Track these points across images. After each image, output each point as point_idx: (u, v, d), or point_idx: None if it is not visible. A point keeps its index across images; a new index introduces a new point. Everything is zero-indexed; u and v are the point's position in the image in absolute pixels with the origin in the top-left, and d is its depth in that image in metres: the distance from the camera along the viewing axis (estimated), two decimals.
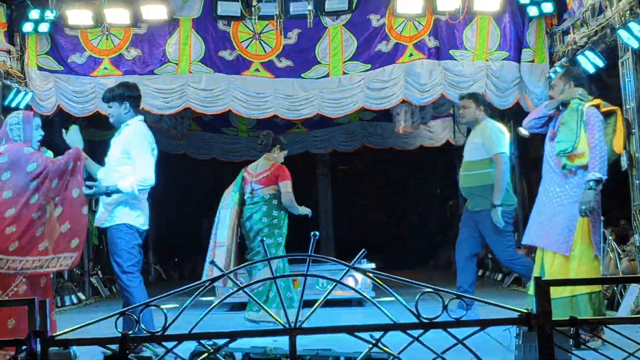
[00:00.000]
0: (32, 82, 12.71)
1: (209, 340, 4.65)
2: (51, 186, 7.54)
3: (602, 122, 7.45)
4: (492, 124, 9.63)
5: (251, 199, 10.51)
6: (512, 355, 6.22)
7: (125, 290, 7.89)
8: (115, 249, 7.92)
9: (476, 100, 9.67)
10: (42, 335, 4.26)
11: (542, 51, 12.87)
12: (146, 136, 7.93)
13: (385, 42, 12.94)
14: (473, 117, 9.61)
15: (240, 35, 12.94)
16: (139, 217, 7.88)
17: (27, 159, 7.57)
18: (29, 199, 7.49)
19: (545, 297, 4.21)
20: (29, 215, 7.49)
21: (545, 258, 7.52)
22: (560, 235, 7.40)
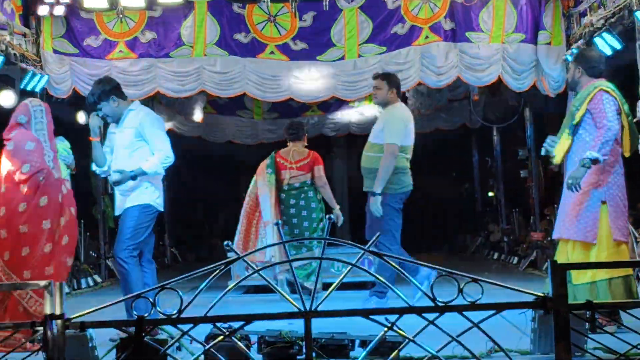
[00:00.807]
0: (48, 65, 12.71)
1: (224, 323, 4.66)
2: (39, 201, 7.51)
3: (612, 102, 7.37)
4: (398, 110, 9.66)
5: (292, 185, 11.21)
6: (528, 339, 6.22)
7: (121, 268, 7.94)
8: (124, 227, 7.97)
9: (389, 81, 9.63)
10: (59, 318, 4.28)
11: (559, 33, 12.78)
12: (157, 116, 8.15)
13: (401, 24, 12.87)
14: (385, 98, 9.62)
15: (255, 17, 12.89)
16: (159, 197, 7.96)
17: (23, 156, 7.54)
18: (17, 204, 7.47)
19: (561, 281, 4.20)
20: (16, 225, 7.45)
21: (568, 246, 7.48)
22: (586, 223, 7.36)
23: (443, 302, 4.24)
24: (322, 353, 6.10)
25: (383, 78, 9.67)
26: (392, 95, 9.56)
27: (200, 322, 4.36)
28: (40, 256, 7.50)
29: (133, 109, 7.97)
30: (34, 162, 7.49)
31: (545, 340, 5.99)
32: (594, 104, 7.38)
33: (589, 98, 7.41)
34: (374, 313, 4.39)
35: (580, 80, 7.65)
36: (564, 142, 7.56)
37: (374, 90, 9.72)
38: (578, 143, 7.47)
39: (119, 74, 12.54)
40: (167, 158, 7.83)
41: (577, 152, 7.45)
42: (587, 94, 7.44)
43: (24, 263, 7.44)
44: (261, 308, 9.73)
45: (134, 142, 7.89)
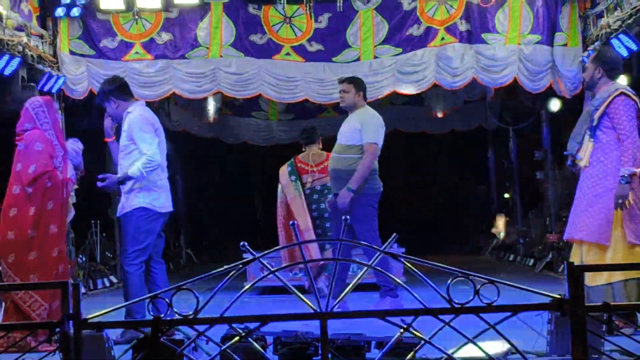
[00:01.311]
0: (65, 66, 12.76)
1: (240, 323, 4.66)
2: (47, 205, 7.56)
3: (631, 107, 7.35)
4: (372, 112, 9.75)
5: (314, 189, 11.53)
6: (544, 341, 6.21)
7: (122, 274, 7.96)
8: (124, 234, 8.01)
9: (356, 85, 9.71)
10: (76, 318, 4.29)
11: (576, 35, 12.75)
12: (146, 118, 7.97)
13: (417, 25, 12.87)
14: (352, 102, 9.66)
15: (271, 19, 12.91)
16: (157, 199, 7.90)
17: (33, 156, 7.59)
18: (28, 207, 7.51)
19: (578, 283, 4.19)
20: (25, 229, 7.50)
21: (583, 248, 7.45)
22: (600, 225, 7.34)
23: (459, 304, 4.23)
24: (338, 354, 6.10)
25: (350, 82, 9.75)
26: (359, 98, 9.65)
27: (217, 322, 4.37)
28: (48, 260, 7.54)
29: (130, 111, 7.96)
30: (40, 163, 7.54)
31: (562, 342, 5.99)
32: (614, 108, 7.35)
33: (609, 100, 7.38)
34: (390, 314, 4.39)
35: (600, 81, 7.61)
36: (587, 144, 7.52)
37: (341, 94, 9.77)
38: (597, 145, 7.44)
39: (135, 75, 12.61)
40: (150, 162, 7.73)
41: (596, 154, 7.42)
42: (607, 95, 7.40)
43: (31, 267, 7.48)
44: (277, 309, 9.73)
45: (126, 144, 7.91)
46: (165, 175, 8.05)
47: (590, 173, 7.46)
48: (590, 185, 7.44)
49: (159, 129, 8.01)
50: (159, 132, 7.97)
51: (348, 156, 9.46)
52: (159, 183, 7.94)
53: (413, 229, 23.31)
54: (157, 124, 8.01)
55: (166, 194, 7.99)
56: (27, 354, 4.82)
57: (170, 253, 19.39)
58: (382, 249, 4.42)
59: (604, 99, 7.42)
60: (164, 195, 7.95)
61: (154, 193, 7.88)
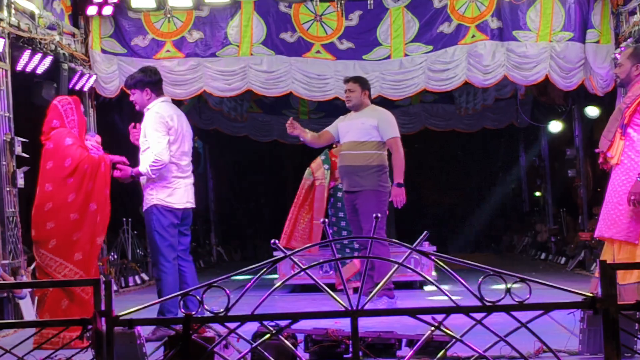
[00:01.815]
0: (96, 65, 12.84)
1: (271, 321, 4.67)
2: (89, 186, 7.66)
3: None
4: (381, 108, 9.91)
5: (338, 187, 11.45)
6: (577, 339, 6.17)
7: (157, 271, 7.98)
8: (147, 232, 8.05)
9: (362, 84, 9.80)
10: (108, 315, 4.31)
11: (608, 32, 12.66)
12: (161, 116, 7.91)
13: (448, 23, 12.84)
14: (359, 101, 9.75)
15: (301, 17, 12.93)
16: (171, 196, 7.89)
17: (64, 151, 7.69)
18: (66, 195, 7.60)
19: (610, 281, 4.16)
20: (67, 214, 7.60)
21: (614, 247, 7.39)
22: (630, 223, 7.27)
23: (491, 302, 4.22)
24: (368, 352, 6.10)
25: (355, 81, 9.83)
26: (365, 97, 9.77)
27: (247, 320, 4.37)
28: (88, 236, 7.65)
29: (149, 109, 7.98)
30: (74, 154, 7.63)
31: (594, 340, 5.95)
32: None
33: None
34: (421, 312, 4.37)
35: (636, 78, 7.53)
36: (618, 142, 7.45)
37: (347, 93, 9.83)
38: (628, 142, 7.36)
39: (166, 74, 12.65)
40: (156, 161, 7.74)
41: (627, 151, 7.35)
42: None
43: (75, 246, 7.60)
44: (308, 306, 9.75)
45: (143, 141, 7.94)
46: (183, 173, 8.01)
47: (621, 171, 7.39)
48: (621, 183, 7.36)
49: (176, 128, 7.93)
50: (174, 131, 7.88)
51: (365, 152, 9.53)
52: (174, 180, 7.92)
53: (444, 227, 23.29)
54: (173, 122, 7.93)
55: (183, 191, 7.95)
56: (60, 350, 4.86)
57: (201, 251, 19.47)
58: (413, 247, 4.41)
59: (637, 96, 7.34)
60: (179, 192, 7.93)
61: (167, 190, 7.89)
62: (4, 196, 10.03)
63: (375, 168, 9.51)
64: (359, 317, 4.27)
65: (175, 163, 7.89)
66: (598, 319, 4.23)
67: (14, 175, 10.15)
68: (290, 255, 4.40)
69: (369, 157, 9.51)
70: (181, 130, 8.00)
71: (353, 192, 9.59)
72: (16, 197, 10.26)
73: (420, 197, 25.34)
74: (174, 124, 7.91)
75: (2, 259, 9.82)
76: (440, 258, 4.43)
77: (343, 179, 9.81)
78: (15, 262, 10.00)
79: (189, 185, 8.08)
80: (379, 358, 6.11)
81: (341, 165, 9.76)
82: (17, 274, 9.92)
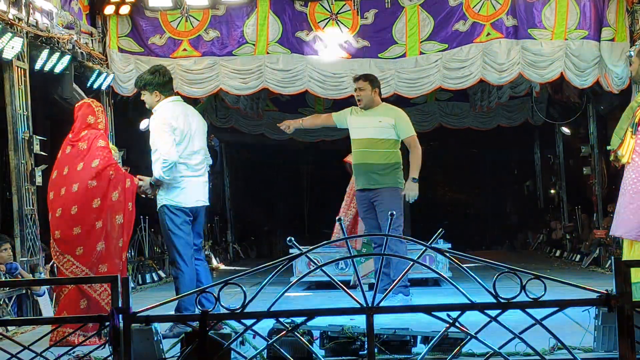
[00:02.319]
0: (114, 63, 12.90)
1: (287, 318, 4.71)
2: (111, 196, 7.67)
3: None
4: (395, 107, 9.87)
5: None
6: (591, 337, 6.18)
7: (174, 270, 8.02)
8: (162, 232, 8.14)
9: (371, 81, 9.74)
10: (125, 312, 4.36)
11: (623, 29, 12.63)
12: (164, 118, 7.91)
13: (463, 21, 12.84)
14: (370, 99, 9.69)
15: (317, 15, 12.95)
16: (179, 195, 7.90)
17: (94, 152, 7.72)
18: (90, 200, 7.62)
19: (625, 279, 4.18)
20: (90, 219, 7.61)
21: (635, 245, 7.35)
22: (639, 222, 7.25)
23: (505, 299, 4.25)
24: (384, 349, 6.13)
25: (365, 79, 9.77)
26: (376, 95, 9.72)
27: (264, 317, 4.41)
28: (114, 250, 7.66)
29: (155, 110, 8.03)
30: (103, 157, 7.66)
31: (609, 337, 5.96)
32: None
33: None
34: (436, 309, 4.41)
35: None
36: (629, 140, 7.42)
37: (358, 92, 9.76)
38: (638, 141, 7.33)
39: (183, 72, 12.73)
40: (164, 161, 7.76)
41: (638, 150, 7.32)
42: None
43: (100, 258, 7.60)
44: (323, 304, 9.78)
45: (150, 144, 7.98)
46: (194, 172, 8.00)
47: (632, 169, 7.33)
48: (631, 181, 7.31)
49: (181, 128, 7.91)
50: (179, 131, 7.87)
51: (383, 151, 9.54)
52: (182, 179, 7.93)
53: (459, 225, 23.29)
54: (177, 122, 7.90)
55: (192, 190, 7.96)
56: (78, 347, 4.91)
57: (217, 248, 19.54)
58: (428, 245, 4.45)
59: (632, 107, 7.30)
60: (188, 191, 7.92)
61: (175, 190, 7.90)
62: (22, 194, 10.10)
63: (394, 166, 9.56)
64: (375, 314, 4.30)
65: (183, 162, 7.90)
66: (613, 316, 4.26)
67: (32, 173, 10.22)
68: (306, 253, 4.44)
69: (387, 155, 9.54)
70: (188, 129, 7.97)
71: (370, 190, 9.60)
72: (34, 195, 10.32)
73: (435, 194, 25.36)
74: (178, 124, 7.88)
75: (20, 256, 9.90)
76: (455, 255, 4.46)
77: (358, 176, 9.78)
78: (34, 260, 10.08)
79: (200, 184, 8.07)
80: (394, 355, 6.14)
81: (357, 163, 9.73)
82: (36, 271, 9.99)
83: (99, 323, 4.66)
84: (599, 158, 16.24)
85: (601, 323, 6.06)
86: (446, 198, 25.82)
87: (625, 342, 4.13)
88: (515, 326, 4.31)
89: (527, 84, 15.95)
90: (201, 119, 8.26)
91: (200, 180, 8.08)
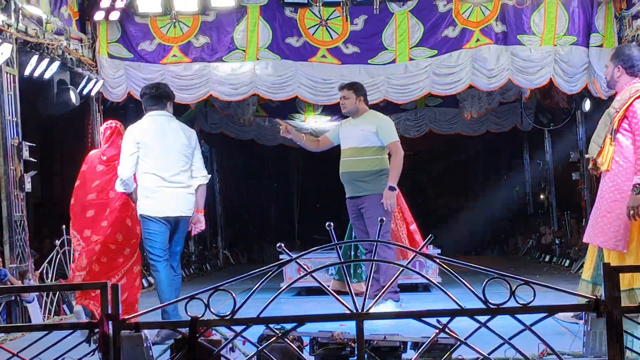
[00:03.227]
0: (103, 69, 12.90)
1: (277, 324, 4.71)
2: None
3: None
4: (379, 114, 9.74)
5: None
6: (581, 342, 6.19)
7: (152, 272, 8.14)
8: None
9: (356, 90, 9.62)
10: (115, 319, 4.36)
11: (611, 36, 12.69)
12: (130, 133, 7.99)
13: (452, 27, 12.88)
14: (354, 107, 9.58)
15: (307, 21, 12.98)
16: (151, 205, 7.92)
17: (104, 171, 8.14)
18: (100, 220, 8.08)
19: (614, 284, 4.19)
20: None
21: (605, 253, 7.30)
22: (617, 232, 7.19)
23: (495, 305, 4.25)
24: (374, 355, 6.12)
25: (349, 88, 9.66)
26: (361, 103, 9.58)
27: (254, 323, 4.41)
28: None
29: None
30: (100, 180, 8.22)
31: (598, 343, 5.97)
32: (632, 111, 7.14)
33: (628, 104, 7.22)
34: (426, 315, 4.41)
35: (620, 80, 7.45)
36: (608, 148, 7.36)
37: (342, 100, 9.65)
38: (617, 148, 7.24)
39: (173, 78, 12.73)
40: (119, 179, 8.02)
41: (616, 157, 7.25)
42: (628, 96, 7.24)
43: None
44: (313, 309, 9.78)
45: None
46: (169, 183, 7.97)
47: (610, 177, 7.27)
48: (609, 190, 7.23)
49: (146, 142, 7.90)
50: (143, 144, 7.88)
51: (366, 158, 9.48)
52: (157, 190, 7.92)
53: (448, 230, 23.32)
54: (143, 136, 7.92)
55: (167, 200, 7.93)
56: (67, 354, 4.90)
57: (207, 254, 19.52)
58: (418, 250, 4.46)
59: (625, 100, 7.25)
60: (163, 202, 7.93)
61: (148, 200, 7.93)
62: (11, 200, 10.09)
63: (378, 172, 9.48)
64: (364, 320, 4.31)
65: (154, 174, 7.89)
66: (602, 321, 4.27)
67: (21, 179, 10.21)
68: (296, 259, 4.44)
69: (371, 162, 9.49)
70: (159, 144, 7.94)
71: (357, 197, 9.59)
72: (24, 201, 10.32)
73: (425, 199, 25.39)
74: (143, 138, 7.85)
75: (9, 262, 9.88)
76: (444, 261, 4.47)
77: (345, 185, 9.75)
78: (23, 266, 10.06)
79: (178, 195, 8.00)
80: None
81: (343, 172, 9.69)
82: (25, 277, 9.97)
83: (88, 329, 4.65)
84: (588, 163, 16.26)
85: (590, 328, 6.07)
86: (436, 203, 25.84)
87: (614, 348, 4.13)
88: (505, 332, 4.32)
89: (516, 90, 16.00)
90: (183, 135, 8.11)
91: (178, 191, 8.00)
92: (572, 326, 6.37)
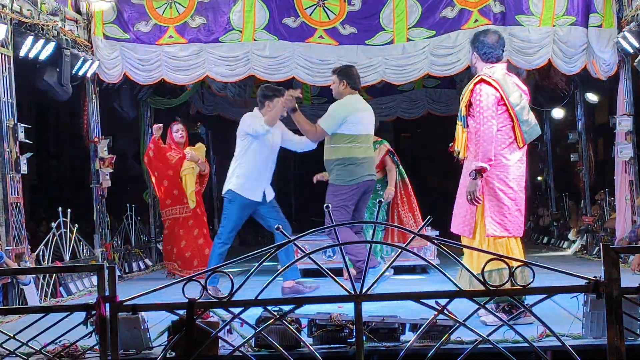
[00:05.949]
0: (99, 50, 12.82)
1: (275, 306, 4.69)
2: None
3: (490, 97, 7.14)
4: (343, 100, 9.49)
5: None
6: (580, 323, 6.19)
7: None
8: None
9: (339, 75, 9.51)
10: (112, 301, 4.33)
11: (610, 16, 12.60)
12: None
13: (450, 8, 12.79)
14: (338, 92, 9.52)
15: (304, 2, 12.88)
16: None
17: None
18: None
19: (614, 265, 4.17)
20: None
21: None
22: (465, 217, 7.23)
23: (494, 286, 4.23)
24: (372, 336, 6.12)
25: (334, 72, 9.61)
26: (344, 87, 9.45)
27: (251, 305, 4.39)
28: None
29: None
30: None
31: (597, 324, 5.96)
32: (474, 97, 7.14)
33: (470, 89, 7.22)
34: (424, 297, 4.39)
35: (477, 66, 7.45)
36: (460, 135, 7.34)
37: (331, 84, 9.67)
38: (469, 134, 7.24)
39: (168, 59, 12.70)
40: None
41: (469, 143, 7.24)
42: (473, 83, 7.25)
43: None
44: (311, 291, 9.77)
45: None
46: None
47: (466, 164, 7.30)
48: (464, 176, 7.28)
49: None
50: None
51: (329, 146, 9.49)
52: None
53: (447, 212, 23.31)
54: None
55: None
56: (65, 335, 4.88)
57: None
58: (416, 232, 4.43)
59: (469, 87, 7.26)
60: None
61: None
62: (7, 182, 10.06)
63: (336, 162, 9.38)
64: (363, 302, 4.28)
65: None
66: (601, 302, 4.25)
67: (17, 161, 10.18)
68: (294, 241, 4.42)
69: (331, 151, 9.42)
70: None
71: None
72: (19, 183, 10.29)
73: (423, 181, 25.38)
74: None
75: (5, 245, 9.86)
76: (443, 243, 4.44)
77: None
78: (19, 248, 10.03)
79: None
80: (382, 342, 6.13)
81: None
82: (21, 259, 9.95)
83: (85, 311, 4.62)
84: (587, 145, 16.25)
85: (589, 310, 6.06)
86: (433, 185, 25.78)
87: (614, 329, 4.12)
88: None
89: (514, 71, 15.92)
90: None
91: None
92: (571, 308, 6.35)
